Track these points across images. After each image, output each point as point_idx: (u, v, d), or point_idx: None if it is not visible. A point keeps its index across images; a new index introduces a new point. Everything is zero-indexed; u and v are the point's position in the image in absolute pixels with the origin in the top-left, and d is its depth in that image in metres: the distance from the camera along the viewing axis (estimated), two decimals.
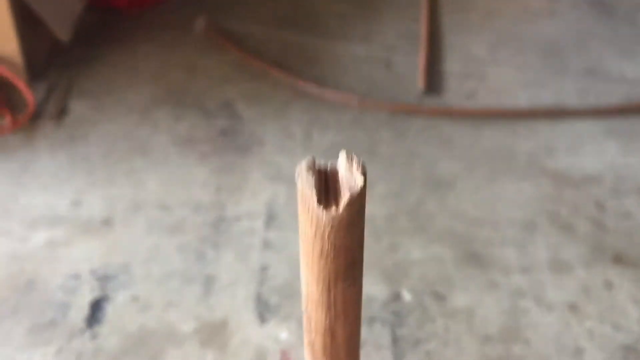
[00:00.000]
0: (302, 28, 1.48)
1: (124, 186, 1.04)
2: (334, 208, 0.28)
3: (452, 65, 1.37)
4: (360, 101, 1.23)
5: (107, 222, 0.97)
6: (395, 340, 0.81)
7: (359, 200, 0.28)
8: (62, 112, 1.20)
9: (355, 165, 0.29)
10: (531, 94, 1.28)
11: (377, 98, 1.26)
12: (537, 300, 0.86)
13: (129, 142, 1.14)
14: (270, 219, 0.98)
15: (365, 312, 0.84)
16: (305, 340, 0.34)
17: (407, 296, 0.86)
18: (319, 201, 0.28)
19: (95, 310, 0.84)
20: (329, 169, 0.30)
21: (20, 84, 1.19)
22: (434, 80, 1.32)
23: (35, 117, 1.17)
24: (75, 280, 0.88)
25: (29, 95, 1.18)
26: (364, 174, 0.28)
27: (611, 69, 1.35)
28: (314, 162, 0.29)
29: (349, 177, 0.28)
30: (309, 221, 0.28)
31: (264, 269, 0.90)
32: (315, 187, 0.28)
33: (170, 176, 1.07)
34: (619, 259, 0.92)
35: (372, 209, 0.99)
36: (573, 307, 0.85)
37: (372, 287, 0.87)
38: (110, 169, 1.08)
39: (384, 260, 0.91)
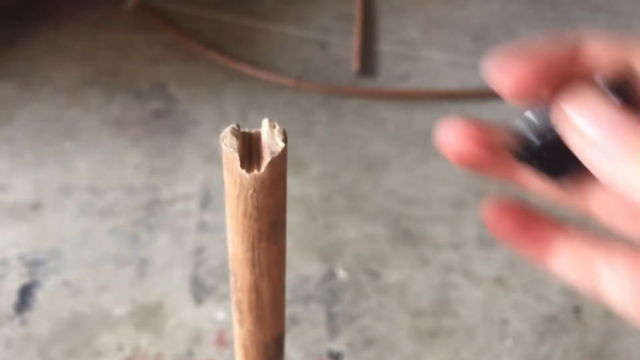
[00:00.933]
0: (237, 8, 1.46)
1: (53, 169, 1.01)
2: (256, 170, 0.29)
3: (386, 47, 1.39)
4: (295, 83, 1.23)
5: (35, 207, 0.95)
6: (330, 317, 0.82)
7: (279, 162, 0.30)
8: None
9: (276, 130, 0.30)
10: (462, 75, 1.32)
11: (312, 79, 1.26)
12: (465, 275, 0.89)
13: (57, 123, 1.11)
14: (206, 200, 0.97)
15: (300, 291, 0.85)
16: (233, 299, 0.36)
17: (341, 274, 0.88)
18: (242, 163, 0.29)
19: (25, 296, 0.82)
20: (252, 134, 0.32)
21: None
22: (368, 62, 1.34)
23: None
24: (3, 266, 0.86)
25: None
26: (285, 139, 0.30)
27: None
28: (238, 127, 0.31)
29: (271, 142, 0.30)
30: (233, 183, 0.30)
31: (199, 251, 0.90)
32: (239, 150, 0.29)
33: (101, 159, 1.04)
34: None
35: (308, 189, 1.00)
36: (499, 281, 0.89)
37: (308, 266, 0.88)
38: (37, 151, 1.04)
39: (320, 239, 0.93)
